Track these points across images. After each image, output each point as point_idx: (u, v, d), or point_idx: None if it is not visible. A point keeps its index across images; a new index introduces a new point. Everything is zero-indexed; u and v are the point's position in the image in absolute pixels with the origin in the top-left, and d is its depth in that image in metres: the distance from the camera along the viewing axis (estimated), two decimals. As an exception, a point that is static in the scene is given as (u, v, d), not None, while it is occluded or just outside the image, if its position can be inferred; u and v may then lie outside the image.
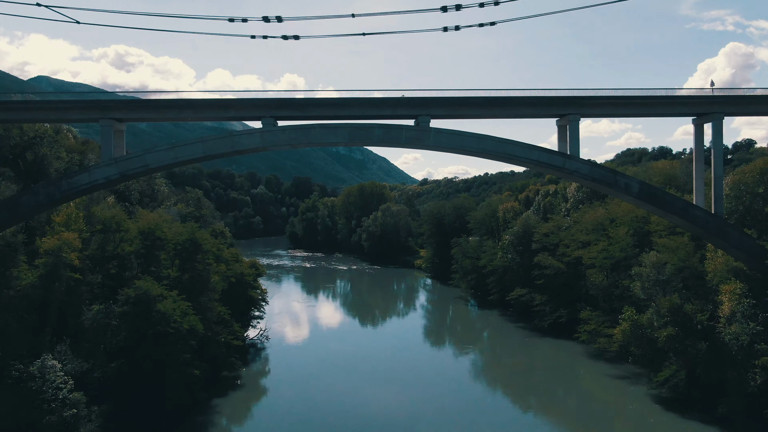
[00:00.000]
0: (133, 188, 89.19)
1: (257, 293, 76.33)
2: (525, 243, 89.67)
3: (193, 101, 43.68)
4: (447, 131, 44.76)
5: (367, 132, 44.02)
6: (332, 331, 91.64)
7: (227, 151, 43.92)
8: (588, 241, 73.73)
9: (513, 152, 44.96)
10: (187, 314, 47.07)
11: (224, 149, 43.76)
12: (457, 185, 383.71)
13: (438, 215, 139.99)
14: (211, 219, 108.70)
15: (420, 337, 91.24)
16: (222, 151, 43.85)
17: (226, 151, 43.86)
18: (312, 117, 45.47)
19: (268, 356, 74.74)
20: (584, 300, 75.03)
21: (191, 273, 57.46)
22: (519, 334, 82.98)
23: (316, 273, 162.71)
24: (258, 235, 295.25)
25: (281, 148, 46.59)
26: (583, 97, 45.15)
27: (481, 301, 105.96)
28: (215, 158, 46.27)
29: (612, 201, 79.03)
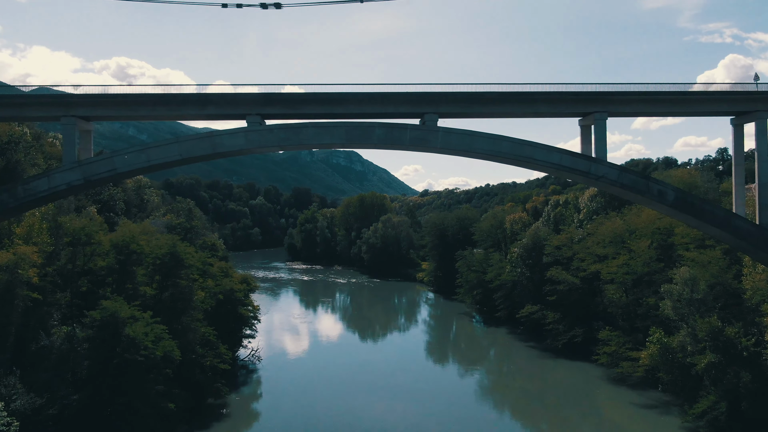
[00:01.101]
0: (118, 197, 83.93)
1: (248, 311, 70.74)
2: (535, 256, 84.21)
3: (167, 96, 38.32)
4: (457, 131, 39.46)
5: (366, 132, 38.71)
6: (330, 349, 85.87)
7: (207, 153, 38.58)
8: (605, 254, 68.25)
9: (531, 155, 39.60)
10: (162, 339, 41.51)
11: (204, 151, 38.41)
12: (458, 196, 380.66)
13: (441, 226, 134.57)
14: (203, 230, 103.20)
15: (423, 355, 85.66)
16: (201, 153, 38.50)
17: (206, 153, 38.51)
18: (304, 115, 40.18)
19: (260, 378, 69.09)
20: (601, 318, 69.42)
21: (173, 290, 52.02)
22: (530, 354, 77.27)
23: (314, 287, 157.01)
24: (256, 246, 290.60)
25: (269, 150, 41.25)
26: (610, 93, 39.81)
27: (488, 317, 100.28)
28: (194, 161, 40.97)
29: (629, 211, 73.69)
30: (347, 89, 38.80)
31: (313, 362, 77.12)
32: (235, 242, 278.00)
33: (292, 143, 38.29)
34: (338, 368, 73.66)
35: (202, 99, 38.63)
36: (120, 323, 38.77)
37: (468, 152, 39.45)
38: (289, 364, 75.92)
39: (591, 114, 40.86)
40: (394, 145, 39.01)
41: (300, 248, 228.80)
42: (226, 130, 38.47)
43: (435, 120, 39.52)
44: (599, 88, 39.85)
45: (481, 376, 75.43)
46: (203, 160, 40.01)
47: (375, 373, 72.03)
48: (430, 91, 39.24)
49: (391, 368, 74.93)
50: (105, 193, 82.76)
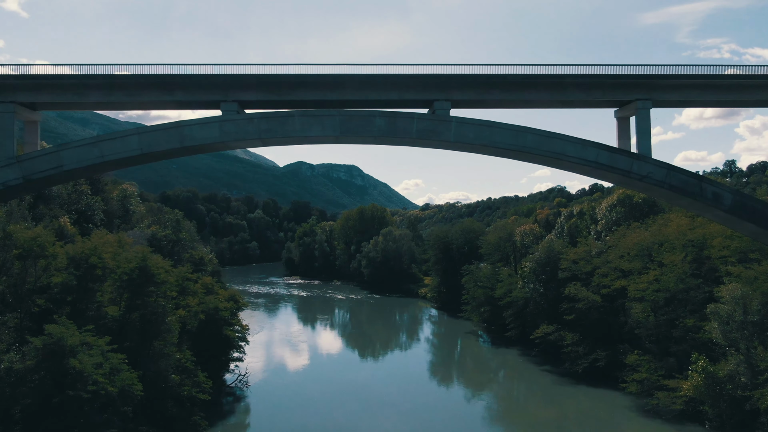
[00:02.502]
0: (96, 207, 77.36)
1: (235, 331, 63.80)
2: (549, 271, 77.40)
3: (123, 79, 31.84)
4: (474, 121, 33.01)
5: (364, 122, 32.26)
6: (326, 371, 78.57)
7: (174, 147, 32.08)
8: (630, 269, 61.55)
9: (562, 150, 33.14)
10: (120, 371, 34.69)
11: (169, 144, 31.92)
12: (459, 210, 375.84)
13: (445, 239, 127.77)
14: (192, 243, 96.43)
15: (426, 377, 78.72)
16: (166, 147, 32.01)
17: (173, 146, 32.02)
18: (291, 103, 33.75)
19: (248, 406, 62.09)
20: (627, 340, 62.52)
21: (143, 311, 45.28)
22: (545, 378, 70.11)
23: (312, 303, 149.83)
24: (254, 260, 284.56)
25: (249, 145, 34.74)
26: (657, 76, 33.38)
27: (496, 336, 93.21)
28: (159, 157, 34.50)
29: (654, 222, 67.10)
30: (343, 71, 32.31)
31: (308, 385, 70.10)
32: (233, 256, 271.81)
33: (276, 136, 31.81)
34: (335, 393, 66.72)
35: (166, 82, 32.13)
36: (67, 352, 32.01)
37: (486, 147, 32.91)
38: (281, 388, 68.82)
39: (632, 103, 34.45)
40: (398, 138, 32.49)
41: (298, 262, 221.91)
42: (196, 119, 31.99)
43: (447, 108, 33.11)
44: (642, 71, 33.33)
45: (489, 400, 68.52)
46: (170, 156, 33.53)
47: (375, 398, 65.28)
48: (442, 73, 32.82)
49: (392, 391, 68.17)
50: (82, 202, 76.32)
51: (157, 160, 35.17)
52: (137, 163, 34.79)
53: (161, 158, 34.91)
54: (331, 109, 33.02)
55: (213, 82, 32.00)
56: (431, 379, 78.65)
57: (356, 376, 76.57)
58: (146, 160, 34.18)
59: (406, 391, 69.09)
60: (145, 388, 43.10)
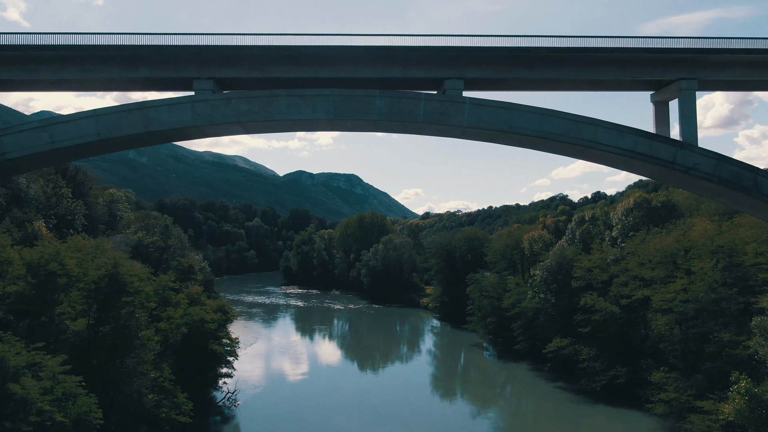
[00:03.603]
0: (78, 211, 72.31)
1: (223, 345, 58.63)
2: (561, 280, 72.36)
3: (78, 49, 26.87)
4: (491, 103, 28.13)
5: (363, 103, 27.36)
6: (323, 386, 73.11)
7: (138, 132, 27.21)
8: (652, 277, 56.56)
9: (594, 137, 28.25)
10: (75, 396, 29.59)
11: (132, 129, 27.05)
12: (460, 219, 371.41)
13: (447, 247, 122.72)
14: (182, 251, 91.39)
15: (429, 391, 73.84)
16: (129, 132, 27.14)
17: (136, 131, 27.14)
18: (276, 81, 28.84)
19: (237, 427, 57.03)
20: (650, 355, 57.41)
21: (114, 324, 40.26)
22: (559, 396, 64.89)
23: (309, 313, 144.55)
24: (252, 269, 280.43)
25: (227, 131, 29.74)
26: (705, 50, 28.41)
27: (503, 349, 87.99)
28: (122, 145, 29.60)
29: (675, 227, 62.17)
30: (337, 42, 27.40)
31: (303, 401, 64.98)
32: (230, 265, 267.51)
33: (258, 119, 26.92)
34: (331, 409, 61.68)
35: (130, 54, 27.18)
36: (9, 375, 26.98)
37: (505, 134, 28.00)
38: (274, 405, 63.61)
39: (673, 83, 29.54)
40: (402, 122, 27.56)
41: (296, 271, 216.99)
42: (164, 99, 27.14)
43: (459, 88, 28.23)
44: (687, 44, 28.46)
45: (496, 417, 63.60)
46: (135, 144, 28.70)
47: (374, 413, 60.56)
48: (454, 46, 27.86)
49: (393, 407, 63.33)
50: (62, 206, 71.32)
51: (120, 148, 30.30)
52: (96, 153, 29.88)
53: (124, 147, 30.02)
54: (324, 89, 28.25)
55: (184, 55, 27.21)
56: (434, 394, 73.59)
57: (354, 391, 71.36)
58: (106, 148, 29.28)
59: (408, 406, 64.14)
60: (114, 412, 38.12)
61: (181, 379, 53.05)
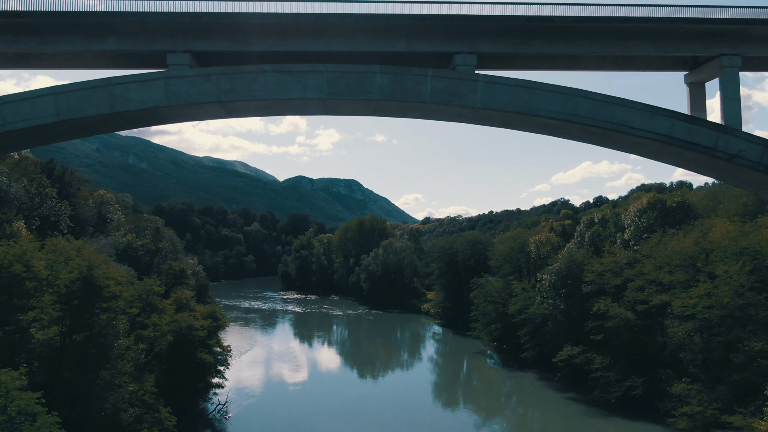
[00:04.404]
0: (62, 212, 68.75)
1: (213, 354, 54.98)
2: (571, 285, 68.81)
3: (36, 16, 23.28)
4: (507, 81, 24.63)
5: (360, 81, 23.83)
6: (320, 395, 69.21)
7: (103, 113, 23.68)
8: (671, 282, 53.01)
9: (624, 120, 24.77)
10: (33, 415, 26.01)
11: (96, 109, 23.54)
12: (460, 224, 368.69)
13: (449, 251, 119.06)
14: (174, 254, 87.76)
15: (431, 400, 70.29)
16: (92, 113, 23.63)
17: (101, 112, 23.62)
18: (261, 55, 25.32)
19: (227, 441, 53.45)
20: (668, 365, 53.80)
21: (88, 332, 36.71)
22: (570, 408, 61.17)
23: (308, 319, 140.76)
24: (251, 274, 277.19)
25: (206, 112, 26.08)
26: (750, 21, 24.85)
27: (509, 357, 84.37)
28: (87, 129, 26.05)
29: (693, 228, 58.57)
30: (332, 9, 23.89)
31: (300, 411, 61.21)
32: (228, 270, 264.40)
33: (241, 98, 23.42)
34: (329, 419, 58.06)
35: (93, 23, 23.61)
36: (-47, 393, 23.49)
37: (523, 116, 24.49)
38: (268, 416, 59.85)
39: (713, 60, 26.03)
40: (405, 103, 24.04)
41: (294, 276, 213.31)
42: (133, 75, 23.61)
43: (471, 64, 24.72)
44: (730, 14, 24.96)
45: (502, 428, 60.39)
46: (100, 128, 25.20)
47: (373, 423, 57.19)
48: (466, 14, 24.31)
49: (393, 416, 59.81)
50: (46, 206, 67.79)
51: (83, 133, 26.64)
52: (55, 137, 26.23)
53: (89, 131, 26.39)
54: (317, 64, 24.80)
55: (156, 25, 23.66)
56: (436, 403, 69.99)
57: (353, 399, 67.68)
58: (66, 133, 25.56)
59: (409, 416, 60.63)
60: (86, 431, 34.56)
61: (167, 391, 49.61)
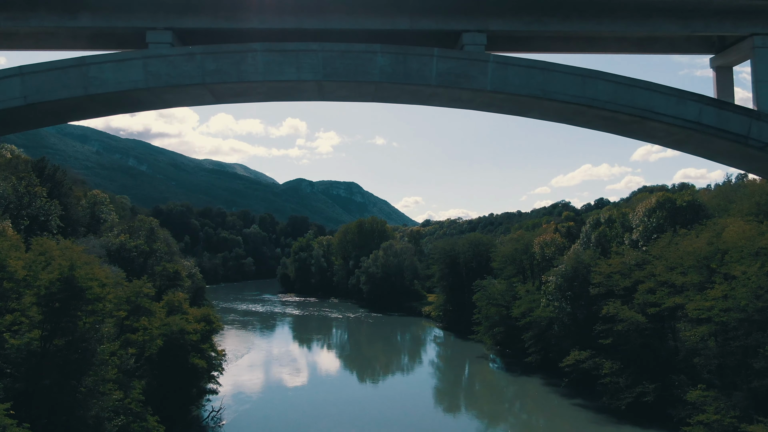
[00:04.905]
0: (52, 212, 66.54)
1: (204, 359, 52.68)
2: (577, 287, 66.61)
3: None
4: (521, 62, 22.49)
5: (360, 61, 21.68)
6: (318, 400, 66.78)
7: (76, 96, 21.54)
8: (684, 283, 50.79)
9: (648, 105, 22.57)
10: (4, 427, 23.79)
11: (68, 91, 21.39)
12: (461, 226, 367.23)
13: (451, 253, 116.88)
14: (169, 255, 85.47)
15: (432, 404, 68.07)
16: (64, 95, 21.47)
17: (74, 95, 21.47)
18: (250, 33, 23.14)
19: (221, 450, 51.21)
20: (682, 370, 51.56)
21: (69, 337, 34.46)
22: (578, 415, 58.90)
23: (307, 322, 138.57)
24: (250, 277, 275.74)
25: (190, 96, 23.82)
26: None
27: (513, 362, 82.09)
28: (59, 115, 23.80)
29: (705, 228, 56.37)
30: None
31: (297, 417, 59.01)
32: (227, 272, 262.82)
33: (228, 80, 21.27)
34: (326, 425, 55.88)
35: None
36: None
37: (538, 100, 22.28)
38: (264, 422, 57.53)
39: (744, 41, 23.83)
40: (409, 85, 21.87)
41: (293, 279, 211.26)
42: (109, 54, 21.43)
43: (480, 43, 22.52)
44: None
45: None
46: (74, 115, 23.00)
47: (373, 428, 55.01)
48: (475, -13, 22.16)
49: (393, 422, 57.47)
50: (35, 206, 65.60)
51: (55, 119, 24.24)
52: (24, 124, 23.87)
53: (61, 116, 24.01)
54: (311, 43, 22.70)
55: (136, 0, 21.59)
56: (437, 407, 67.77)
57: (352, 404, 65.39)
58: (36, 119, 23.17)
59: (409, 421, 58.50)
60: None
61: (159, 397, 47.51)
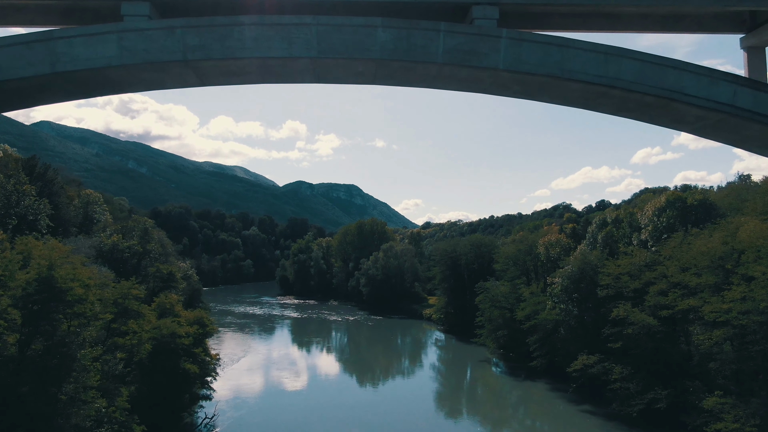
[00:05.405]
0: (41, 211, 64.32)
1: (196, 364, 50.39)
2: (584, 288, 64.42)
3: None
4: (536, 37, 20.22)
5: (358, 36, 19.42)
6: (317, 405, 64.31)
7: (42, 74, 19.31)
8: (698, 285, 48.56)
9: (677, 86, 20.31)
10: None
11: (34, 68, 19.19)
12: (461, 228, 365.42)
13: (452, 254, 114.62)
14: (164, 256, 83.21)
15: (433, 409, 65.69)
16: (30, 73, 19.28)
17: (40, 72, 19.27)
18: (237, 5, 20.91)
19: (214, 459, 48.93)
20: (696, 376, 49.32)
21: (48, 341, 32.24)
22: (586, 422, 56.59)
23: (306, 325, 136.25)
24: (249, 279, 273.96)
25: (174, 77, 21.53)
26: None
27: (517, 366, 79.79)
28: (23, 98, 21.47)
29: (718, 227, 54.16)
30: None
31: (293, 423, 56.74)
32: (226, 275, 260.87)
33: (212, 57, 19.04)
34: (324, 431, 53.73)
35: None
36: None
37: (556, 81, 20.06)
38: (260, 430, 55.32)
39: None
40: (413, 62, 19.62)
41: (292, 281, 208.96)
42: (80, 28, 19.21)
43: (492, 17, 20.28)
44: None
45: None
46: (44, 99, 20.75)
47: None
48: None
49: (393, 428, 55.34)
50: (23, 205, 63.33)
51: (21, 103, 21.77)
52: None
53: (27, 98, 21.54)
54: (305, 15, 20.57)
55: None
56: (438, 412, 65.50)
57: (351, 409, 63.04)
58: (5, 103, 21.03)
59: (410, 426, 56.45)
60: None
61: (148, 404, 45.30)
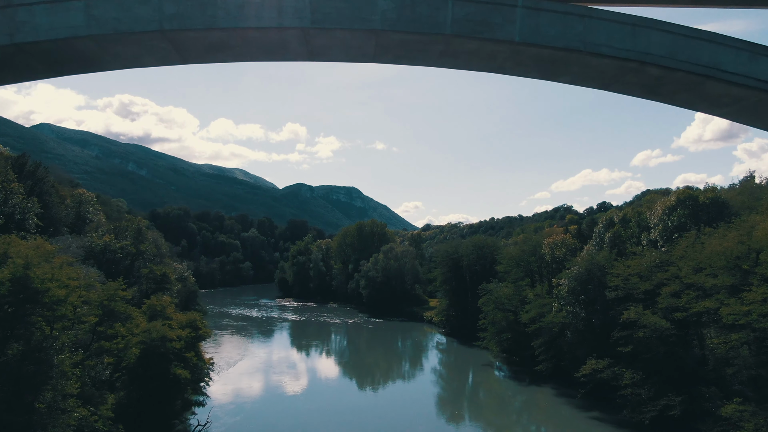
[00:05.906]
0: (30, 210, 62.09)
1: (188, 369, 48.05)
2: (592, 290, 62.13)
3: None
4: (555, 7, 18.10)
5: (356, 4, 17.26)
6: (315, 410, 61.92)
7: (2, 45, 17.14)
8: (714, 286, 46.32)
9: (713, 62, 18.27)
10: None
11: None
12: (461, 230, 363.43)
13: (454, 256, 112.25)
14: (158, 257, 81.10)
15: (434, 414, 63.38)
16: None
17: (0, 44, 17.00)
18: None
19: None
20: (712, 381, 47.04)
21: (24, 347, 30.02)
22: (596, 429, 54.25)
23: (304, 327, 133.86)
24: (248, 281, 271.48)
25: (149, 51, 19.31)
26: None
27: (521, 370, 77.51)
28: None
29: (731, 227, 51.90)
30: None
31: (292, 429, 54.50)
32: (224, 277, 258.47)
33: (192, 26, 16.86)
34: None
35: None
36: None
37: (576, 54, 17.87)
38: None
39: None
40: (418, 34, 17.44)
41: (292, 283, 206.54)
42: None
43: (507, -15, 18.06)
44: None
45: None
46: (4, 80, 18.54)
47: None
48: None
49: None
50: (11, 203, 61.11)
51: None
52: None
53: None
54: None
55: None
56: (439, 417, 63.30)
57: (351, 414, 60.81)
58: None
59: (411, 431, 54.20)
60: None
61: (138, 411, 43.18)
